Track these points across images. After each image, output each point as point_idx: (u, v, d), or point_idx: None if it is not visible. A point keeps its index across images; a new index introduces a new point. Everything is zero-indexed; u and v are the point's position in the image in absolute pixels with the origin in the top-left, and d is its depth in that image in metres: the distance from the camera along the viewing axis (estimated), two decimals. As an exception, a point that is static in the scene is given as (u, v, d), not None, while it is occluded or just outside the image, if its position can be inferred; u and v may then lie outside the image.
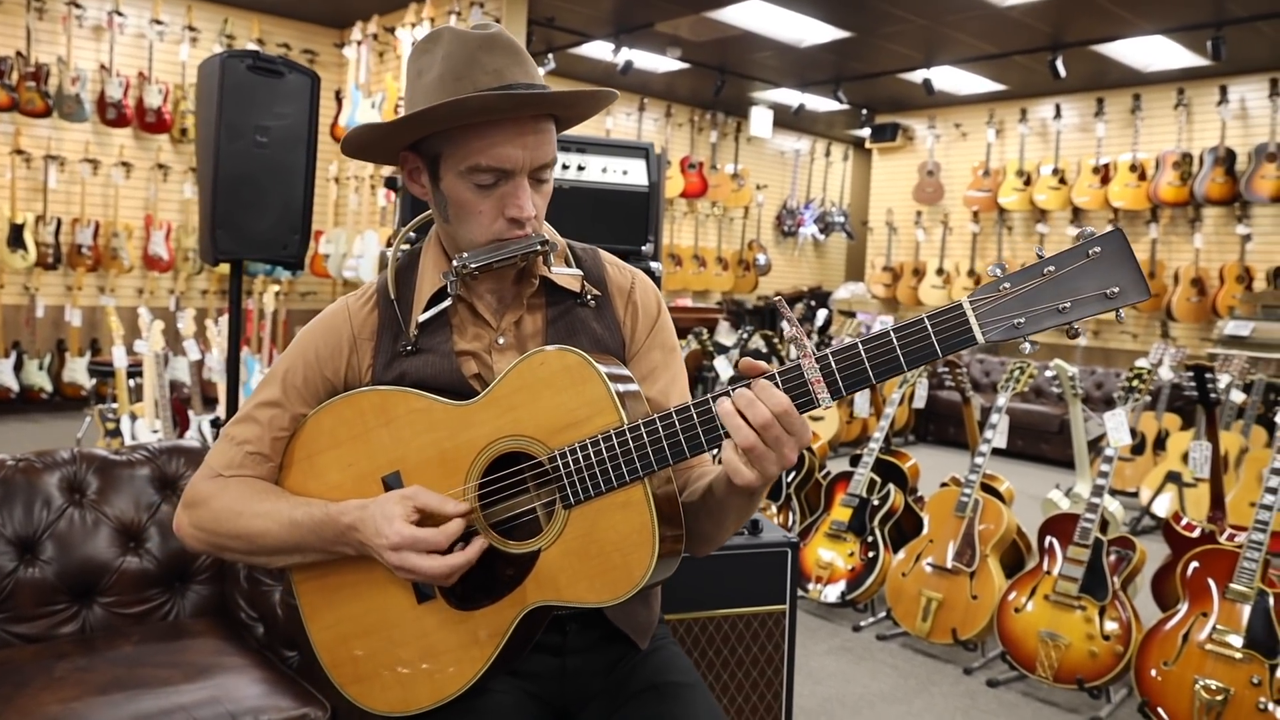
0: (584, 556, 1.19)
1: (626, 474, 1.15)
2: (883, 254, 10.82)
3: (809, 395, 1.08)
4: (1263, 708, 2.66)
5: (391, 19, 7.57)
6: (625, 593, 1.17)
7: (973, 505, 3.53)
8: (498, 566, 1.23)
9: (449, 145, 1.24)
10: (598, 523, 1.18)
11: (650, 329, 1.41)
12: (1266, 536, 2.79)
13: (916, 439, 8.22)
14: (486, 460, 1.24)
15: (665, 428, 1.14)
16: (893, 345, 1.05)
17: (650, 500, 1.16)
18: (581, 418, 1.19)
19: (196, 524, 1.34)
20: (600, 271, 1.41)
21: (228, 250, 2.55)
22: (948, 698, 3.20)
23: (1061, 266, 1.02)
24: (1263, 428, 5.50)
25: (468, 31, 1.24)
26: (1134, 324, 8.91)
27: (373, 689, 1.31)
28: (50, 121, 7.01)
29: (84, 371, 7.18)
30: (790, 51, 8.45)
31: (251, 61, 2.54)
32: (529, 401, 1.21)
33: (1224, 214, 8.35)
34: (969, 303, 1.03)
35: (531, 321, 1.35)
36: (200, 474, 1.37)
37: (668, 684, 1.35)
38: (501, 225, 1.25)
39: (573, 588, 1.19)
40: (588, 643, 1.36)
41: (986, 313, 1.03)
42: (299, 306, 8.47)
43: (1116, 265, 1.00)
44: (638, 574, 1.16)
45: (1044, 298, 1.02)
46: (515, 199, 1.24)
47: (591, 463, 1.17)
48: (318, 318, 1.40)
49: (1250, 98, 8.29)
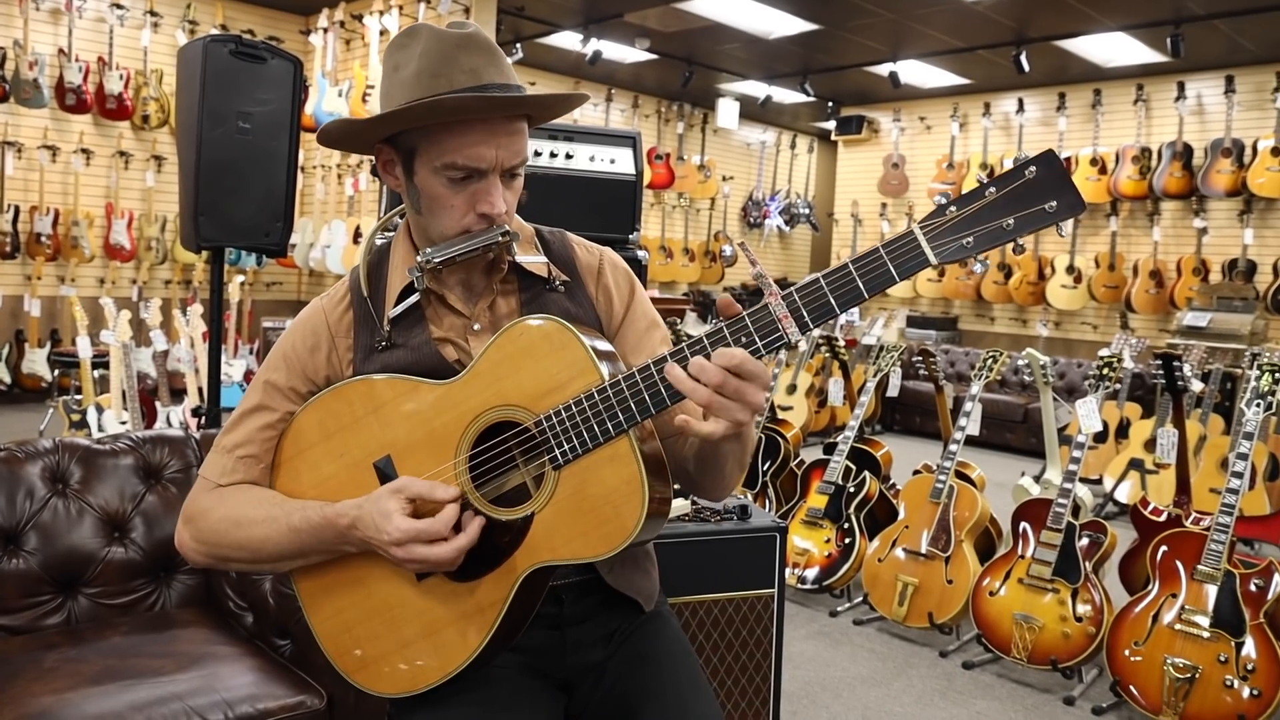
0: (577, 513, 1.21)
1: (611, 428, 1.18)
2: (848, 245, 10.91)
3: (779, 332, 1.12)
4: (1229, 684, 2.74)
5: (359, 6, 7.49)
6: (620, 544, 1.18)
7: (947, 491, 3.59)
8: (494, 535, 1.25)
9: (424, 141, 1.26)
10: (587, 479, 1.21)
11: (627, 304, 1.44)
12: (1233, 519, 2.87)
13: (884, 429, 8.33)
14: (475, 433, 1.26)
15: (644, 379, 1.17)
16: (852, 275, 1.10)
17: (637, 451, 1.18)
18: (564, 380, 1.21)
19: (197, 537, 1.35)
20: (568, 253, 1.44)
21: (211, 237, 2.52)
22: (925, 680, 3.26)
23: (1001, 188, 1.07)
24: (1220, 416, 5.65)
25: (445, 30, 1.26)
26: (1094, 315, 9.08)
27: (379, 672, 1.32)
28: (7, 107, 6.85)
29: (44, 363, 7.04)
30: (758, 43, 8.49)
31: (234, 47, 2.51)
32: (512, 372, 1.24)
33: (1181, 208, 8.53)
34: (919, 227, 1.08)
35: (505, 304, 1.37)
36: (197, 488, 1.37)
37: (655, 652, 1.38)
38: (472, 219, 1.28)
39: (568, 545, 1.21)
40: (585, 612, 1.38)
41: (936, 235, 1.08)
42: (264, 297, 8.36)
43: (1052, 183, 1.06)
44: (630, 524, 1.18)
45: (988, 217, 1.07)
46: (488, 196, 1.27)
47: (576, 421, 1.19)
48: (295, 320, 1.42)
49: (1206, 94, 8.47)
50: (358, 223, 7.41)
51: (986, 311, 9.91)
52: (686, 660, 1.39)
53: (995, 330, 9.83)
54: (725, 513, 2.31)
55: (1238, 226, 8.19)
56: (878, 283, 1.09)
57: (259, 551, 1.31)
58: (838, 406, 7.26)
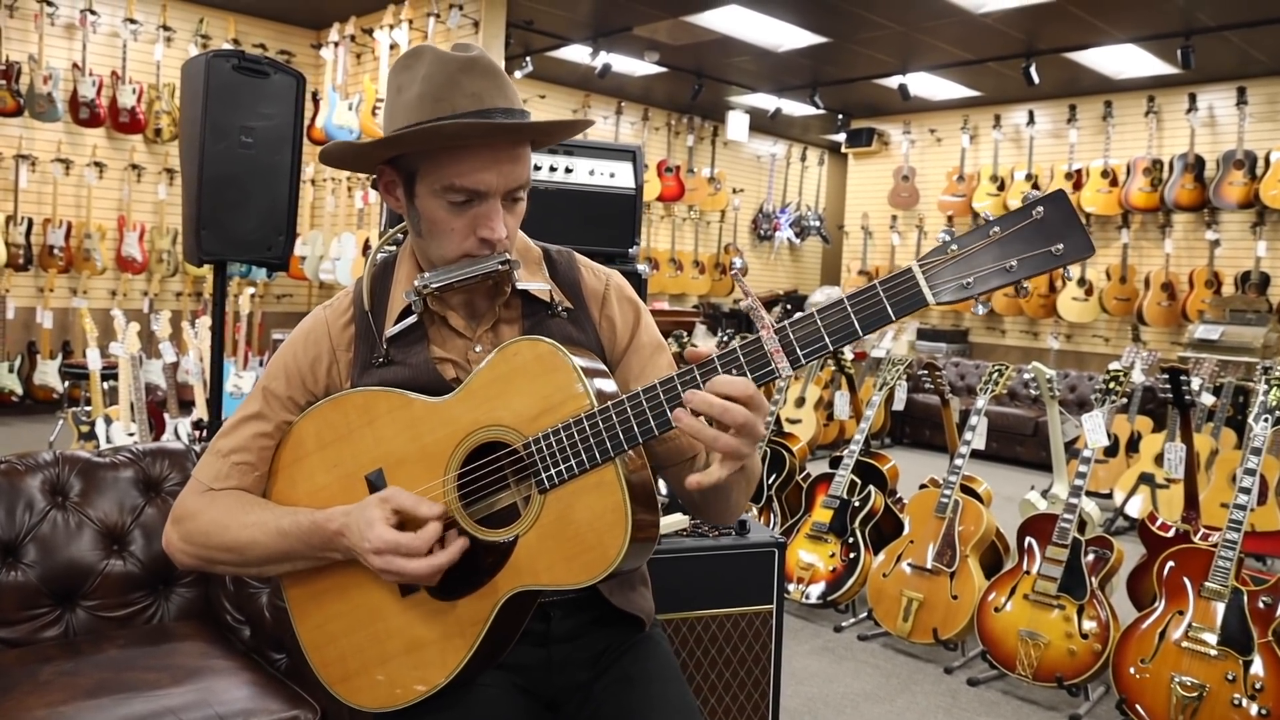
0: (560, 539, 1.20)
1: (599, 455, 1.17)
2: (858, 258, 10.89)
3: (769, 366, 1.11)
4: (1237, 703, 2.70)
5: (369, 20, 7.54)
6: (601, 572, 1.18)
7: (953, 506, 3.57)
8: (479, 556, 1.25)
9: (425, 163, 1.26)
10: (573, 505, 1.20)
11: (631, 331, 1.43)
12: (1240, 535, 2.84)
13: (893, 442, 8.28)
14: (465, 451, 1.26)
15: (634, 407, 1.16)
16: (847, 311, 1.08)
17: (622, 480, 1.17)
18: (555, 403, 1.21)
19: (185, 538, 1.35)
20: (575, 275, 1.43)
21: (212, 251, 2.54)
22: (929, 696, 3.23)
23: (1007, 227, 1.05)
24: (1232, 430, 5.59)
25: (449, 53, 1.25)
26: (1106, 328, 9.03)
27: (360, 685, 1.32)
28: (21, 120, 6.92)
29: (55, 374, 7.09)
30: (768, 56, 8.50)
31: (237, 61, 2.53)
32: (504, 392, 1.24)
33: (1193, 220, 8.48)
34: (919, 265, 1.06)
35: (508, 330, 1.37)
36: (188, 489, 1.38)
37: (643, 675, 1.37)
38: (473, 244, 1.28)
39: (550, 571, 1.21)
40: (573, 630, 1.38)
41: (935, 274, 1.06)
42: (275, 309, 8.40)
43: (1061, 224, 1.03)
44: (612, 553, 1.17)
45: (990, 258, 1.05)
46: (488, 221, 1.26)
47: (564, 446, 1.19)
48: (297, 329, 1.42)
49: (1218, 105, 8.43)
50: (367, 235, 7.44)
51: (997, 324, 9.87)
52: (674, 685, 1.37)
53: (1006, 343, 9.79)
54: (723, 528, 2.30)
55: (1250, 239, 8.13)
56: (873, 321, 1.07)
57: (246, 553, 1.31)
58: (845, 420, 7.23)
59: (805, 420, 7.04)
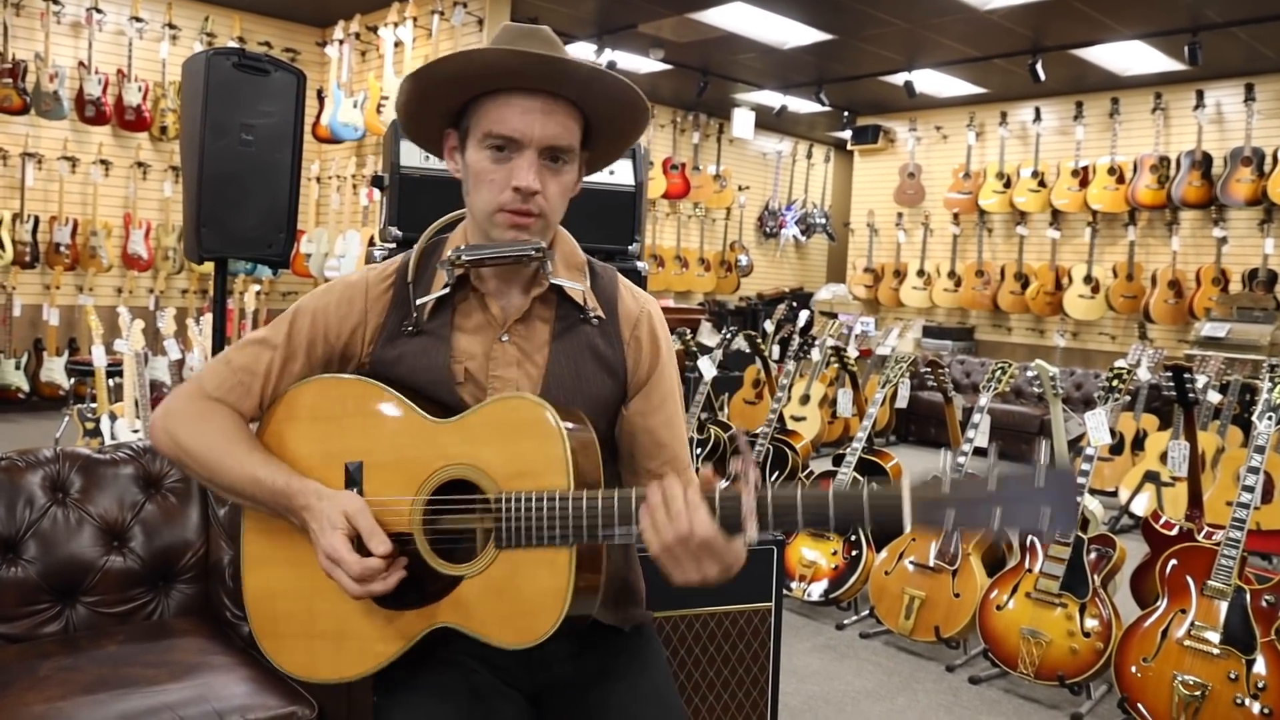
0: (500, 597, 1.24)
1: (559, 538, 1.20)
2: (864, 255, 10.87)
3: (739, 526, 1.14)
4: (1240, 703, 2.69)
5: (374, 18, 7.55)
6: (526, 643, 1.23)
7: (955, 504, 3.55)
8: (426, 577, 1.27)
9: (474, 116, 1.31)
10: (520, 570, 1.24)
11: (651, 369, 1.42)
12: (1244, 534, 2.83)
13: (898, 439, 8.27)
14: (441, 479, 1.29)
15: (604, 507, 1.18)
16: (826, 504, 1.11)
17: (572, 569, 1.21)
18: (536, 470, 1.24)
19: (170, 431, 1.35)
20: (613, 291, 1.43)
21: (213, 249, 2.54)
22: (931, 694, 3.22)
23: (1005, 487, 1.08)
24: (1239, 428, 5.57)
25: (519, 24, 1.33)
26: (1112, 325, 9.00)
27: (283, 647, 1.37)
28: (27, 119, 6.94)
29: (62, 371, 7.11)
30: (773, 53, 8.48)
31: (237, 59, 2.53)
32: (493, 439, 1.27)
33: (1200, 217, 8.44)
34: (909, 490, 1.09)
35: (540, 331, 1.37)
36: (190, 388, 1.38)
37: (627, 669, 1.38)
38: (508, 196, 1.29)
39: (483, 622, 1.25)
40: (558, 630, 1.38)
41: (922, 508, 1.09)
42: (280, 306, 8.41)
43: (1056, 501, 1.07)
44: (540, 630, 1.22)
45: (979, 506, 1.09)
46: (521, 170, 1.28)
47: (530, 517, 1.21)
48: (338, 280, 1.43)
49: (1226, 102, 8.39)
50: (372, 233, 7.45)
51: (1003, 322, 9.84)
52: (657, 677, 1.37)
53: (1012, 340, 9.76)
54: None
55: (1258, 236, 8.09)
56: (848, 520, 1.11)
57: (216, 476, 1.33)
58: (849, 417, 7.22)
59: (809, 417, 7.03)
